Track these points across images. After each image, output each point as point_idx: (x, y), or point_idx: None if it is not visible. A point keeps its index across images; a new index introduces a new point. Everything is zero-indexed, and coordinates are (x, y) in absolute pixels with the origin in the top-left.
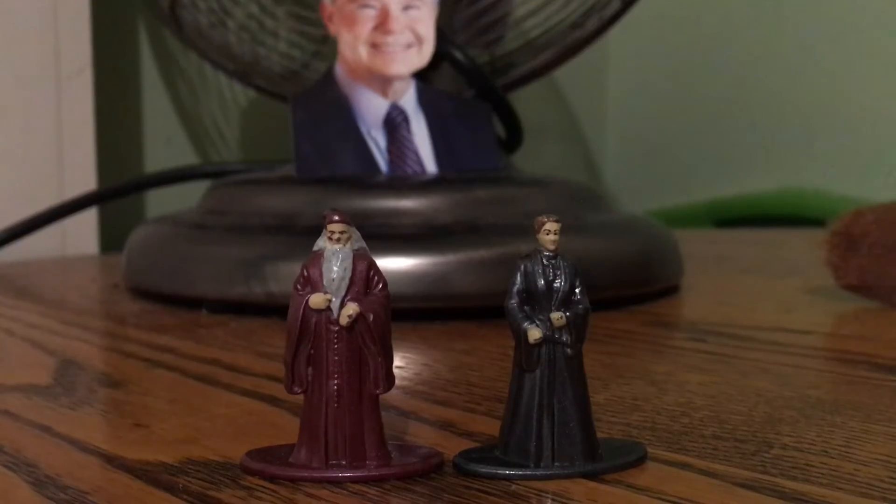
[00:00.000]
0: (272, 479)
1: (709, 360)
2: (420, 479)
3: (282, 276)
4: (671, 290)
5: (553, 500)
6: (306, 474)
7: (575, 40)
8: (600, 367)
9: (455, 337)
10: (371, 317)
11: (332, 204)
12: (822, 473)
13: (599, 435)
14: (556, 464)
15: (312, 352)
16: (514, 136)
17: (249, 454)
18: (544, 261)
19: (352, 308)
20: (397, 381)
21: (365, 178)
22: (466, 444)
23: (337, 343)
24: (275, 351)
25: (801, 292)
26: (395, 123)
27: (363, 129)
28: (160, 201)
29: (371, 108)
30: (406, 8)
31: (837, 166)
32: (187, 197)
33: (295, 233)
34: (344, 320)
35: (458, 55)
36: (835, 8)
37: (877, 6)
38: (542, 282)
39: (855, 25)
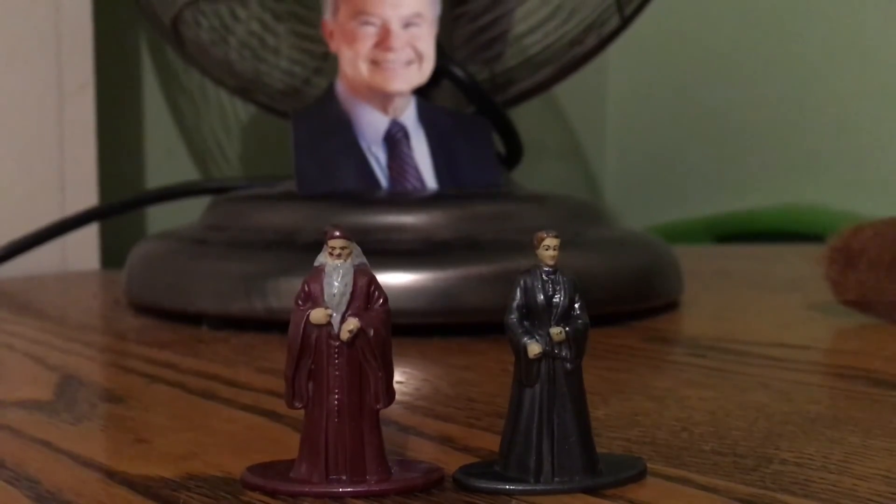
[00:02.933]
0: (273, 494)
1: (708, 376)
2: (420, 494)
3: (282, 291)
4: (671, 306)
5: None
6: (307, 489)
7: (574, 57)
8: (600, 382)
9: (455, 352)
10: (371, 332)
11: (332, 220)
12: (822, 489)
13: (599, 450)
14: (556, 479)
15: (313, 367)
16: (513, 153)
17: (250, 469)
18: (544, 276)
19: (352, 323)
20: (397, 397)
21: (365, 194)
22: (466, 459)
23: (337, 358)
24: (275, 366)
25: (801, 308)
26: (395, 139)
27: (364, 146)
28: (161, 217)
29: (371, 124)
30: (406, 25)
31: (837, 182)
32: (188, 213)
33: (296, 248)
34: (344, 335)
35: (458, 72)
36: (835, 23)
37: (877, 21)
38: (542, 297)
39: (855, 40)
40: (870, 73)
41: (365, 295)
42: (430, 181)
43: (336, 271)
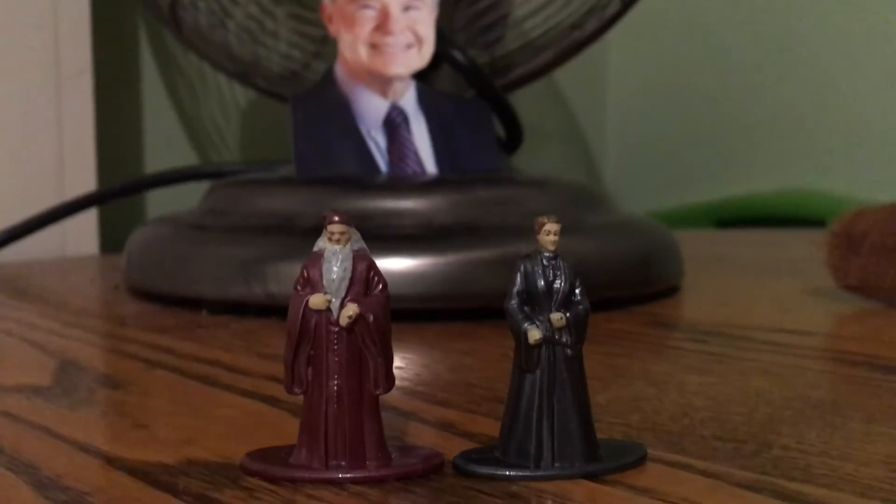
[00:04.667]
0: (272, 480)
1: (709, 361)
2: (420, 480)
3: (282, 276)
4: (671, 291)
5: (553, 500)
6: (306, 475)
7: (575, 41)
8: (600, 367)
9: (455, 337)
10: (371, 317)
11: (331, 204)
12: (823, 474)
13: (599, 436)
14: (556, 465)
15: (312, 352)
16: (514, 137)
17: (249, 455)
18: (544, 261)
19: (352, 309)
20: (397, 382)
21: (365, 179)
22: (466, 445)
23: (337, 344)
24: (275, 352)
25: (802, 293)
26: (395, 124)
27: (363, 130)
28: (160, 202)
29: (371, 108)
30: (406, 8)
31: (838, 167)
32: (187, 198)
33: (295, 233)
34: (344, 321)
35: (458, 56)
36: (835, 9)
37: (877, 8)
38: (542, 282)
39: (856, 24)
40: (872, 57)
41: (364, 280)
42: (430, 166)
43: (335, 256)
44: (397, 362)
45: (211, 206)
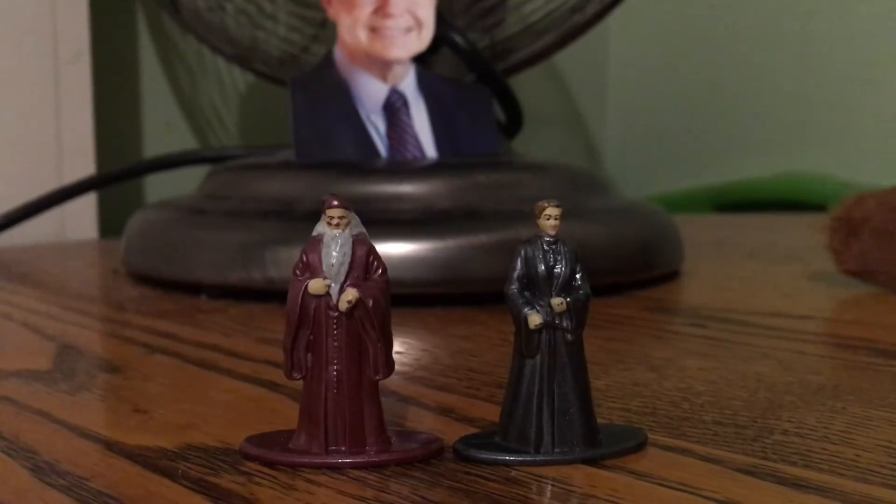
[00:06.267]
0: (271, 464)
1: (709, 346)
2: (420, 465)
3: (281, 261)
4: (672, 276)
5: (553, 485)
6: (306, 460)
7: (575, 24)
8: (601, 352)
9: (455, 322)
10: (370, 302)
11: (331, 189)
12: (823, 459)
13: (600, 420)
14: (556, 450)
15: (312, 337)
16: (514, 121)
17: (249, 440)
18: (545, 246)
19: (351, 294)
20: (397, 367)
21: (364, 163)
22: (466, 430)
23: (336, 329)
24: (274, 336)
25: (802, 278)
26: (394, 108)
27: (363, 114)
28: (159, 186)
29: (370, 92)
30: None
31: (838, 151)
32: (186, 182)
33: (294, 218)
34: (343, 306)
35: (458, 39)
36: None
37: None
38: (543, 267)
39: (855, 10)
40: (871, 42)
41: (364, 265)
42: (430, 150)
43: (334, 241)
44: (397, 347)
45: (210, 191)
